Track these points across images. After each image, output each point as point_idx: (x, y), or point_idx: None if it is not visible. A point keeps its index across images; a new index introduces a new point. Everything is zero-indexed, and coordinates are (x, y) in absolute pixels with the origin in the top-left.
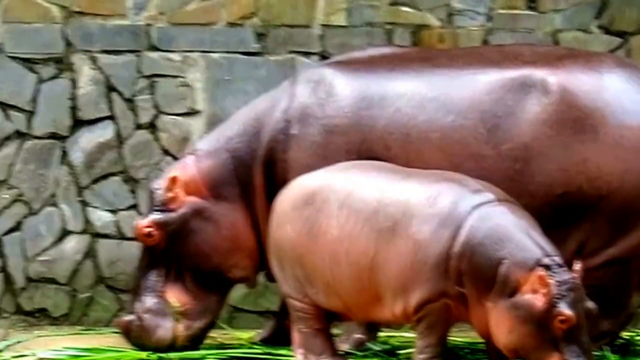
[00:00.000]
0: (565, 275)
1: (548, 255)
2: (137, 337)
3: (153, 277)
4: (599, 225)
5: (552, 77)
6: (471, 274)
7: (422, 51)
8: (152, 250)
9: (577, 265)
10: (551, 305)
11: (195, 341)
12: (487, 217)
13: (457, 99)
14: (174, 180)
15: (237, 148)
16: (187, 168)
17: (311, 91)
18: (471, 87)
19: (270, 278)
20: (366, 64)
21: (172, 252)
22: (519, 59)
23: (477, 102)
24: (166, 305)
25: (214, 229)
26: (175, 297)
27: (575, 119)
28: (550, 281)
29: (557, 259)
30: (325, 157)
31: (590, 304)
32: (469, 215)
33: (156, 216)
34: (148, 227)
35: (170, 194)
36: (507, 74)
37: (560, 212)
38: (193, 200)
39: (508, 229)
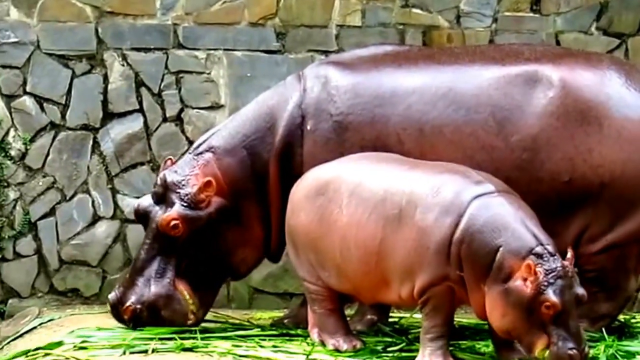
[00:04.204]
0: (554, 264)
1: (541, 244)
2: (148, 322)
3: (163, 265)
4: (600, 211)
5: (556, 73)
6: (470, 260)
7: (424, 49)
8: (169, 240)
9: (569, 254)
10: (538, 292)
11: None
12: (486, 207)
13: (467, 95)
14: (209, 183)
15: (254, 145)
16: (209, 167)
17: (322, 87)
18: (479, 82)
19: (274, 260)
20: (372, 62)
21: (191, 247)
22: (520, 57)
23: (486, 97)
24: (178, 296)
25: (234, 229)
26: (186, 290)
27: (580, 111)
28: (539, 270)
29: (550, 248)
30: (341, 153)
31: (580, 291)
32: (470, 204)
33: (184, 211)
34: (175, 219)
35: (202, 196)
36: (511, 70)
37: (565, 198)
38: (217, 200)
39: (505, 218)
